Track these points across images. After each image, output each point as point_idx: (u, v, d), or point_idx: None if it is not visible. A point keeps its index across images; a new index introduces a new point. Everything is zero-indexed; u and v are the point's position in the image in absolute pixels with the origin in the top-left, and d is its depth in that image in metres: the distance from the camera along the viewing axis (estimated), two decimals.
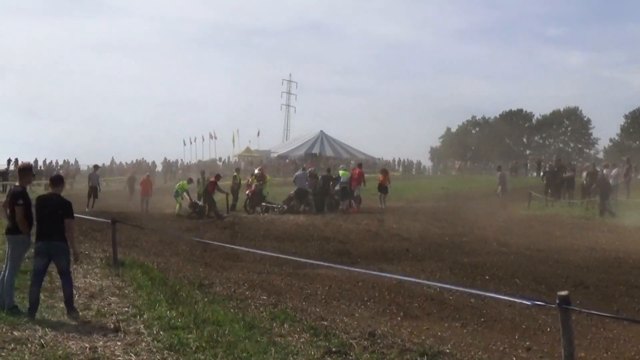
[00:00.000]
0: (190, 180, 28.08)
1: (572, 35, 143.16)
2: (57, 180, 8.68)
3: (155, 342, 6.94)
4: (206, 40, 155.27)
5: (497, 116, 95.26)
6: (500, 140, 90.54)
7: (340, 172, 27.85)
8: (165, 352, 6.61)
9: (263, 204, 26.34)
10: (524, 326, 8.71)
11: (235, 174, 30.36)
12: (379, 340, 7.11)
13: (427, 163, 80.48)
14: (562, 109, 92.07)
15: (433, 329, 8.20)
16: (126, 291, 9.73)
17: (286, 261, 12.50)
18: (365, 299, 9.97)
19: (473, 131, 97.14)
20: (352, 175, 27.33)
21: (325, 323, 7.91)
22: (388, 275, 10.64)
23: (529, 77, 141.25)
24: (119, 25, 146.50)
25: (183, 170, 56.72)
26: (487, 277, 12.10)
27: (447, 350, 6.85)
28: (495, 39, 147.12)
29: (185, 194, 26.44)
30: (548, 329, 8.42)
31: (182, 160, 65.81)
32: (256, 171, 28.49)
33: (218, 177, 27.89)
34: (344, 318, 8.39)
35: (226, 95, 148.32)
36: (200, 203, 26.11)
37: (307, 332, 7.42)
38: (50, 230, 8.13)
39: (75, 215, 8.53)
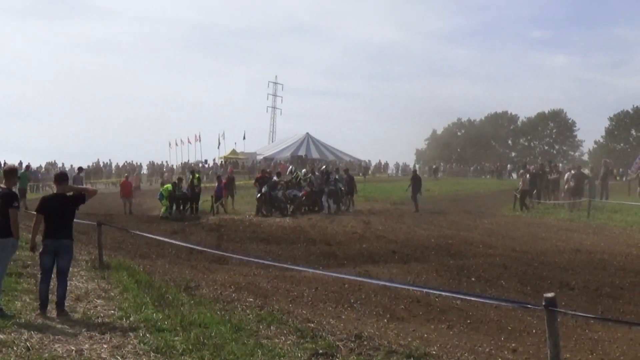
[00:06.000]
0: (176, 183, 27.52)
1: (557, 38, 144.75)
2: (61, 178, 8.81)
3: (142, 344, 6.90)
4: (191, 42, 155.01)
5: (483, 118, 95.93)
6: (485, 143, 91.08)
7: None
8: (152, 354, 6.58)
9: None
10: (509, 328, 8.75)
11: (191, 176, 28.98)
12: (365, 342, 7.12)
13: (412, 165, 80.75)
14: (547, 112, 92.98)
15: (419, 330, 8.21)
16: (112, 294, 9.68)
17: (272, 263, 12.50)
18: (352, 301, 9.97)
19: (459, 133, 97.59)
20: None
21: (312, 325, 7.90)
22: (375, 281, 10.59)
23: (514, 80, 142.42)
24: (104, 27, 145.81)
25: (169, 172, 56.48)
26: (473, 279, 12.15)
27: (434, 352, 6.87)
28: (480, 42, 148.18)
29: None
30: (534, 331, 8.47)
31: (167, 162, 65.70)
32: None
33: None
34: (331, 320, 8.38)
35: (212, 97, 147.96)
36: (187, 192, 26.99)
37: (294, 334, 7.42)
38: (58, 228, 8.35)
39: None
